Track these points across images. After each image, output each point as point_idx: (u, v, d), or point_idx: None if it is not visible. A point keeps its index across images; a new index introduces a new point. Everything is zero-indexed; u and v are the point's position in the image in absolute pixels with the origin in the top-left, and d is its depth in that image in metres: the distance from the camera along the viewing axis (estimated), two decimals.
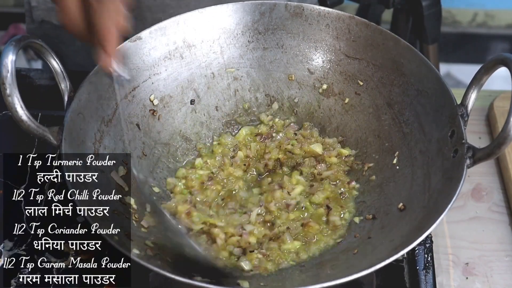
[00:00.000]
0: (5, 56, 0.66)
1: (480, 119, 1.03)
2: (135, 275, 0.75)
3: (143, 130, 0.86)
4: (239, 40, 0.92)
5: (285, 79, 0.93)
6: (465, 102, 0.76)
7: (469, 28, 2.43)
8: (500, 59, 0.71)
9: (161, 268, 0.65)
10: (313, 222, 0.80)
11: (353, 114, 0.90)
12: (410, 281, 0.81)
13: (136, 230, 0.74)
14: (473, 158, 0.72)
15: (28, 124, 0.70)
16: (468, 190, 0.93)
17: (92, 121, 0.79)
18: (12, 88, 0.67)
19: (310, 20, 0.90)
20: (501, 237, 0.88)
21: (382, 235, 0.76)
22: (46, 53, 0.75)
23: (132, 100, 0.85)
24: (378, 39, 0.87)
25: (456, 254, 0.86)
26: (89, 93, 0.79)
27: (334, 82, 0.91)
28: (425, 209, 0.73)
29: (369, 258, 0.71)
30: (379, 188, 0.83)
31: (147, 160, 0.86)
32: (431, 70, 0.81)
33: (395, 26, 1.46)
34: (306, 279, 0.74)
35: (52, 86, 0.79)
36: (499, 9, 2.40)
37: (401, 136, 0.84)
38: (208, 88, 0.91)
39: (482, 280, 0.84)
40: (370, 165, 0.85)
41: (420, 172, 0.78)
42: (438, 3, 1.35)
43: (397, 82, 0.85)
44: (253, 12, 0.91)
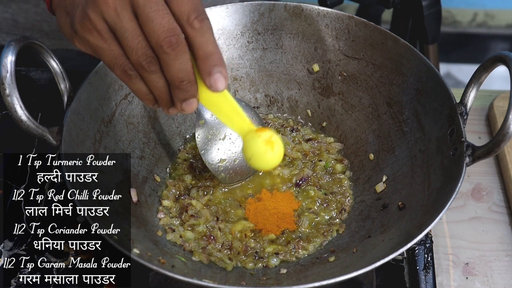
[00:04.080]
0: (4, 57, 0.66)
1: (480, 119, 1.03)
2: (135, 275, 0.75)
3: (143, 131, 0.86)
4: (239, 40, 0.92)
5: (285, 79, 0.93)
6: (464, 100, 0.76)
7: (469, 28, 2.43)
8: (499, 57, 0.71)
9: (161, 268, 0.65)
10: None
11: (352, 114, 0.90)
12: (410, 281, 0.81)
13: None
14: (472, 156, 0.72)
15: (27, 124, 0.70)
16: (468, 190, 0.93)
17: (92, 121, 0.79)
18: (12, 88, 0.67)
19: (310, 20, 0.90)
20: (501, 237, 0.88)
21: (381, 233, 0.76)
22: (46, 54, 0.75)
23: (132, 100, 0.85)
24: (377, 38, 0.87)
25: (456, 254, 0.86)
26: (89, 94, 0.79)
27: (333, 82, 0.91)
28: (425, 208, 0.74)
29: (368, 257, 0.71)
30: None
31: (147, 160, 0.86)
32: (430, 69, 0.81)
33: (395, 26, 1.46)
34: (304, 277, 0.74)
35: (52, 86, 0.79)
36: (499, 9, 2.39)
37: (400, 135, 0.84)
38: None
39: (482, 280, 0.84)
40: (370, 164, 0.86)
41: (419, 170, 0.79)
42: (438, 3, 1.35)
43: (396, 81, 0.85)
44: (253, 13, 0.91)
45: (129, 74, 0.62)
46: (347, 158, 0.89)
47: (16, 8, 1.04)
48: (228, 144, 0.85)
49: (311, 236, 0.80)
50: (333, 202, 0.84)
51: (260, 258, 0.78)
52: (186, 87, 0.62)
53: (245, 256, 0.78)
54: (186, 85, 0.62)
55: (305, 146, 0.90)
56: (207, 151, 0.84)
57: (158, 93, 0.64)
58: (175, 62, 0.60)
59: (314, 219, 0.82)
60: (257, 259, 0.78)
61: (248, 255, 0.78)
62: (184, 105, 0.63)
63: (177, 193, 0.85)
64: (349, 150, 0.89)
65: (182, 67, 0.61)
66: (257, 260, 0.78)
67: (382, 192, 0.82)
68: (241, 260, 0.78)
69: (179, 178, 0.86)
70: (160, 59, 0.61)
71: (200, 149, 0.84)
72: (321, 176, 0.87)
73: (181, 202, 0.83)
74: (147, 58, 0.61)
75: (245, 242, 0.79)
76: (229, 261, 0.77)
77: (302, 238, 0.80)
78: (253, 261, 0.78)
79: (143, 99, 0.65)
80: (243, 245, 0.79)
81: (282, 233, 0.81)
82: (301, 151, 0.90)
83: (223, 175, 0.84)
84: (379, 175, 0.84)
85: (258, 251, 0.79)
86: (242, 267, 0.77)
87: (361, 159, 0.87)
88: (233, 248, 0.79)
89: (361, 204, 0.83)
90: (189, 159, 0.89)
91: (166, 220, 0.81)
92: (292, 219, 0.82)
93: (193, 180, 0.86)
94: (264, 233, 0.80)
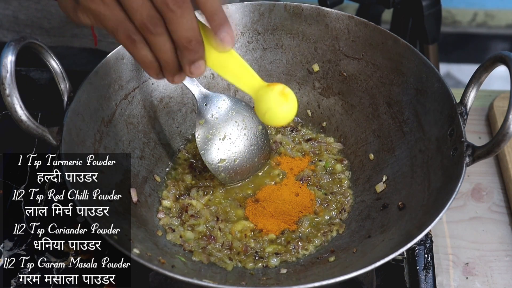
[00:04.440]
0: (4, 57, 0.66)
1: (480, 119, 1.03)
2: (135, 275, 0.75)
3: (143, 131, 0.86)
4: (239, 40, 0.92)
5: (285, 79, 0.93)
6: (464, 100, 0.76)
7: (469, 28, 2.43)
8: (499, 57, 0.71)
9: (161, 268, 0.65)
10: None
11: (352, 114, 0.90)
12: (410, 281, 0.81)
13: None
14: (472, 156, 0.72)
15: (27, 124, 0.70)
16: (468, 190, 0.93)
17: (92, 121, 0.79)
18: (12, 88, 0.67)
19: (310, 20, 0.90)
20: (501, 237, 0.88)
21: (381, 233, 0.76)
22: (46, 54, 0.75)
23: (132, 100, 0.85)
24: (377, 38, 0.87)
25: (456, 254, 0.86)
26: (89, 94, 0.79)
27: (333, 82, 0.91)
28: (425, 208, 0.73)
29: (368, 257, 0.71)
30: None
31: (147, 160, 0.86)
32: (430, 69, 0.81)
33: (395, 26, 1.46)
34: (304, 277, 0.74)
35: (52, 86, 0.79)
36: (499, 9, 2.39)
37: (400, 135, 0.84)
38: (208, 88, 0.91)
39: (482, 280, 0.84)
40: (370, 164, 0.86)
41: (419, 170, 0.79)
42: (438, 3, 1.35)
43: (396, 81, 0.85)
44: (253, 13, 0.91)
45: (133, 39, 0.60)
46: (347, 158, 0.89)
47: (17, 5, 1.04)
48: (228, 144, 0.85)
49: (311, 236, 0.80)
50: (333, 202, 0.84)
51: (260, 258, 0.78)
52: (195, 47, 0.60)
53: (245, 256, 0.78)
54: (195, 45, 0.60)
55: (305, 146, 0.90)
56: (207, 151, 0.84)
57: (164, 57, 0.61)
58: (182, 20, 0.58)
59: (314, 219, 0.82)
60: (257, 259, 0.78)
61: (248, 255, 0.78)
62: (193, 68, 0.61)
63: (177, 193, 0.85)
64: (349, 150, 0.89)
65: (189, 25, 0.59)
66: (257, 260, 0.78)
67: (382, 192, 0.82)
68: (241, 260, 0.78)
69: (179, 178, 0.86)
70: (166, 19, 0.59)
71: (200, 149, 0.84)
72: (321, 176, 0.87)
73: (181, 202, 0.83)
74: (152, 19, 0.58)
75: (245, 242, 0.79)
76: (229, 261, 0.77)
77: (302, 238, 0.80)
78: (253, 261, 0.78)
79: (148, 67, 0.62)
80: (243, 245, 0.79)
81: (282, 233, 0.81)
82: (301, 151, 0.90)
83: (223, 175, 0.84)
84: (379, 175, 0.84)
85: (258, 251, 0.79)
86: (242, 267, 0.77)
87: (361, 159, 0.87)
88: (233, 248, 0.79)
89: (361, 204, 0.83)
90: (189, 159, 0.89)
91: (166, 220, 0.81)
92: (292, 219, 0.82)
93: (193, 180, 0.86)
94: (264, 233, 0.80)
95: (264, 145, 0.87)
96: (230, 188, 0.85)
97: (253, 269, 0.77)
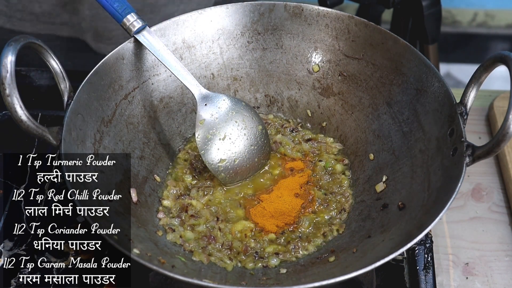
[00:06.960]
0: (4, 57, 0.67)
1: (480, 119, 1.03)
2: (135, 275, 0.75)
3: (143, 131, 0.86)
4: (239, 40, 0.92)
5: (285, 79, 0.93)
6: (464, 100, 0.76)
7: (469, 28, 2.43)
8: (499, 57, 0.71)
9: (161, 268, 0.65)
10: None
11: (352, 114, 0.90)
12: (410, 281, 0.81)
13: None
14: (472, 156, 0.72)
15: (27, 124, 0.70)
16: (468, 190, 0.93)
17: (92, 121, 0.79)
18: (12, 88, 0.67)
19: (310, 20, 0.90)
20: (501, 237, 0.88)
21: (381, 233, 0.76)
22: (46, 54, 0.75)
23: (132, 100, 0.85)
24: (377, 38, 0.87)
25: (456, 254, 0.86)
26: (89, 94, 0.79)
27: (333, 82, 0.91)
28: (425, 208, 0.73)
29: (368, 257, 0.71)
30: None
31: (147, 160, 0.86)
32: (430, 69, 0.81)
33: (395, 26, 1.46)
34: (304, 277, 0.74)
35: (52, 86, 0.79)
36: (499, 9, 2.39)
37: (400, 135, 0.84)
38: (208, 88, 0.91)
39: (482, 280, 0.84)
40: (370, 164, 0.86)
41: (419, 170, 0.79)
42: (438, 3, 1.35)
43: (396, 81, 0.85)
44: (253, 13, 0.91)
45: None
46: (347, 158, 0.89)
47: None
48: (228, 144, 0.85)
49: (311, 236, 0.80)
50: (333, 202, 0.84)
51: (260, 258, 0.78)
52: None
53: (245, 256, 0.78)
54: None
55: (305, 146, 0.90)
56: (207, 151, 0.84)
57: None
58: None
59: (314, 219, 0.82)
60: (257, 259, 0.78)
61: (248, 255, 0.78)
62: None
63: (177, 193, 0.85)
64: (349, 150, 0.89)
65: None
66: (257, 260, 0.78)
67: (382, 192, 0.82)
68: (241, 260, 0.78)
69: (179, 178, 0.86)
70: None
71: (200, 149, 0.84)
72: (321, 176, 0.87)
73: (181, 202, 0.83)
74: None
75: (245, 242, 0.79)
76: (229, 261, 0.77)
77: (302, 238, 0.80)
78: (253, 261, 0.78)
79: None
80: (243, 245, 0.79)
81: (282, 233, 0.81)
82: (301, 151, 0.90)
83: (223, 175, 0.84)
84: (379, 175, 0.84)
85: (258, 251, 0.79)
86: (242, 267, 0.78)
87: (361, 159, 0.87)
88: (233, 248, 0.79)
89: (361, 204, 0.83)
90: (189, 159, 0.89)
91: (166, 220, 0.81)
92: (292, 219, 0.82)
93: (193, 180, 0.86)
94: (264, 233, 0.80)
95: (264, 145, 0.87)
96: (230, 188, 0.85)
97: (253, 269, 0.77)
